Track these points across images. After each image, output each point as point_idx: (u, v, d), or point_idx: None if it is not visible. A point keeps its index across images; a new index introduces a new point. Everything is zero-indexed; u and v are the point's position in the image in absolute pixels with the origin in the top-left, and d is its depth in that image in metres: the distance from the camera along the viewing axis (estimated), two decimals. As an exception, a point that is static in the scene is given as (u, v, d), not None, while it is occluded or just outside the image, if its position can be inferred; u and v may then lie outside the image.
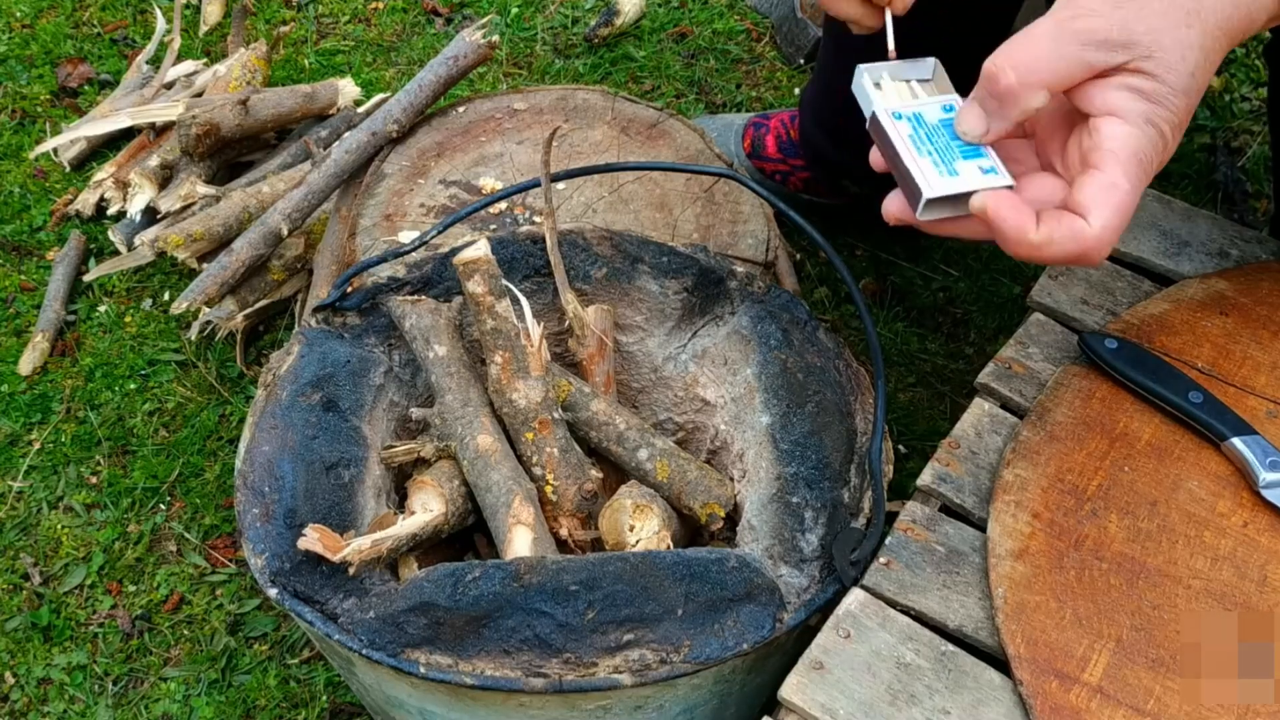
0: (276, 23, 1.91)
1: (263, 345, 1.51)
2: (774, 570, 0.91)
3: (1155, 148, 0.68)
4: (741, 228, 1.26)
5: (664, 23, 1.91)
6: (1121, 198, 0.67)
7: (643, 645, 0.85)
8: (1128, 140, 0.67)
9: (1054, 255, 0.68)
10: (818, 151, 1.50)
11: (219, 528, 1.37)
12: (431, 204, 1.30)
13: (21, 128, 1.78)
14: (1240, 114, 1.77)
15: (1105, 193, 0.67)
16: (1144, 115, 0.67)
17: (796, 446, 0.97)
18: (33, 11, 1.93)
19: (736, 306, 1.07)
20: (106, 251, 1.62)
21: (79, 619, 1.30)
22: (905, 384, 1.48)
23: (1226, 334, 0.93)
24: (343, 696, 1.24)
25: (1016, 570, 0.80)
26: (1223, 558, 0.81)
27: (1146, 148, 0.67)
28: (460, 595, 0.85)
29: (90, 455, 1.42)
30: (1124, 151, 0.67)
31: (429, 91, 1.39)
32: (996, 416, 0.92)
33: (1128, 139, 0.67)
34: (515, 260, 1.08)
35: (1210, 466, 0.86)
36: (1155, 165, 0.68)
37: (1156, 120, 0.67)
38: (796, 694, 0.77)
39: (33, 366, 1.49)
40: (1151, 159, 0.68)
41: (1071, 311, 0.98)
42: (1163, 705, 0.74)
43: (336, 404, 0.99)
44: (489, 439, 0.98)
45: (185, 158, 1.52)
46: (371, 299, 1.06)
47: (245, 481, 0.94)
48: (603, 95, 1.41)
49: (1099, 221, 0.67)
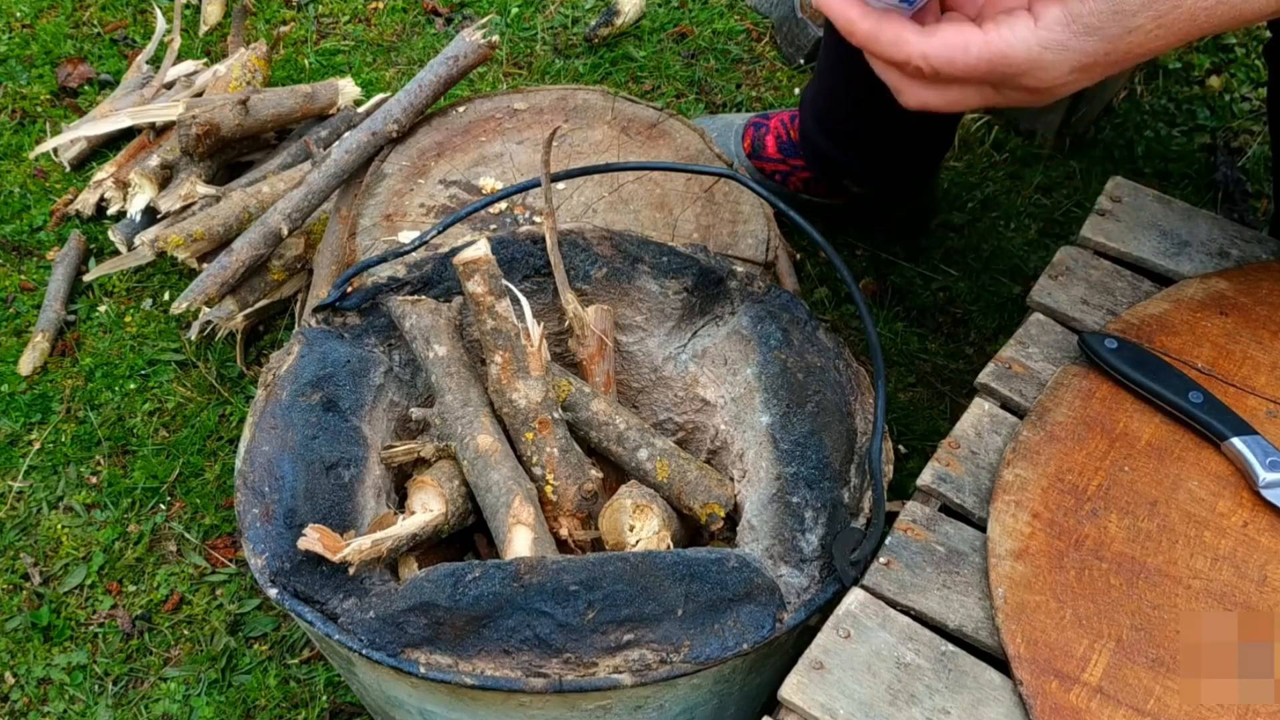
0: (276, 23, 1.91)
1: (263, 345, 1.51)
2: (774, 570, 0.91)
3: (1036, 69, 0.67)
4: (741, 228, 1.26)
5: (664, 23, 1.91)
6: (960, 60, 0.67)
7: (643, 645, 0.85)
8: (1016, 42, 0.66)
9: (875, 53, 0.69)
10: (818, 151, 1.50)
11: (219, 528, 1.37)
12: (431, 204, 1.30)
13: (21, 128, 1.78)
14: (1240, 114, 1.78)
15: (954, 41, 0.67)
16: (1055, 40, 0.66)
17: (796, 446, 0.97)
18: (33, 11, 1.93)
19: (736, 306, 1.07)
20: (106, 251, 1.62)
21: (79, 619, 1.30)
22: (905, 384, 1.48)
23: (1226, 334, 0.93)
24: (343, 696, 1.24)
25: (1016, 570, 0.80)
26: (1223, 558, 0.81)
27: (1021, 61, 0.67)
28: (460, 595, 0.85)
29: (90, 455, 1.42)
30: (1002, 44, 0.66)
31: (429, 91, 1.39)
32: (996, 416, 0.92)
33: (1017, 41, 0.66)
34: (515, 260, 1.08)
35: (1210, 466, 0.86)
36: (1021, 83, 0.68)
37: (1061, 50, 0.66)
38: (796, 694, 0.77)
39: (33, 366, 1.49)
40: (1021, 72, 0.67)
41: (1071, 311, 0.98)
42: (1163, 705, 0.74)
43: (336, 404, 0.99)
44: (489, 439, 0.98)
45: (185, 158, 1.52)
46: (371, 299, 1.06)
47: (245, 481, 0.94)
48: (603, 95, 1.41)
49: (924, 46, 0.67)
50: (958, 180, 1.68)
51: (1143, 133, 1.74)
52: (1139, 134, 1.74)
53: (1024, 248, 1.61)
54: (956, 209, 1.65)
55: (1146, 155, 1.71)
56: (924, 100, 0.72)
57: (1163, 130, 1.75)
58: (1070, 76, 0.68)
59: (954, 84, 0.71)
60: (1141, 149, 1.72)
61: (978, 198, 1.66)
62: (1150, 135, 1.73)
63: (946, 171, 1.68)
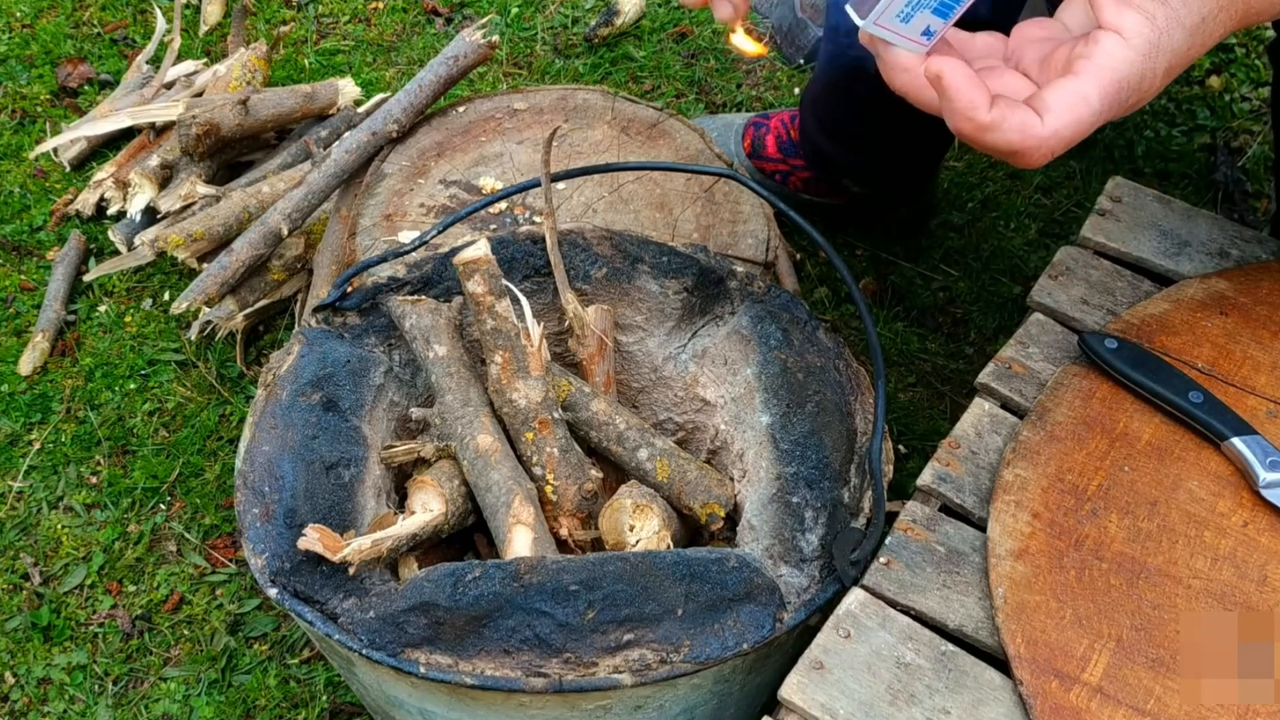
0: (276, 23, 1.91)
1: (263, 345, 1.51)
2: (774, 570, 0.91)
3: (1144, 81, 0.65)
4: (741, 228, 1.26)
5: (664, 23, 1.91)
6: (1086, 113, 0.64)
7: (643, 645, 0.85)
8: (1120, 63, 0.64)
9: (995, 142, 0.65)
10: (818, 151, 1.50)
11: (219, 528, 1.37)
12: (431, 204, 1.30)
13: (21, 128, 1.78)
14: (1240, 114, 1.78)
15: (1073, 100, 0.65)
16: (1148, 43, 0.64)
17: (796, 446, 0.97)
18: (33, 11, 1.93)
19: (736, 306, 1.07)
20: (106, 251, 1.62)
21: (79, 619, 1.30)
22: (905, 384, 1.48)
23: (1226, 334, 0.93)
24: (343, 696, 1.24)
25: (1016, 570, 0.80)
26: (1223, 558, 0.81)
27: (1133, 77, 0.65)
28: (460, 595, 0.85)
29: (90, 455, 1.42)
30: (1111, 72, 0.64)
31: (429, 91, 1.39)
32: (996, 416, 0.92)
33: (1120, 62, 0.64)
34: (515, 260, 1.08)
35: (1210, 466, 0.86)
36: (1134, 100, 0.66)
37: (1156, 53, 0.65)
38: (796, 694, 0.77)
39: (33, 366, 1.49)
40: (1134, 90, 0.65)
41: (1071, 311, 0.98)
42: (1163, 705, 0.74)
43: (336, 404, 0.99)
44: (489, 439, 0.98)
45: (185, 158, 1.52)
46: (371, 299, 1.06)
47: (245, 481, 0.94)
48: (603, 95, 1.41)
49: (1054, 123, 0.64)
50: (958, 180, 1.68)
51: (1143, 133, 1.74)
52: (1139, 134, 1.74)
53: (1024, 248, 1.61)
54: (956, 209, 1.65)
55: (1146, 155, 1.72)
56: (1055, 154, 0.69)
57: (1163, 130, 1.75)
58: (1161, 80, 0.67)
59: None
60: (1141, 149, 1.72)
61: (978, 198, 1.66)
62: (1150, 135, 1.73)
63: (946, 171, 1.68)
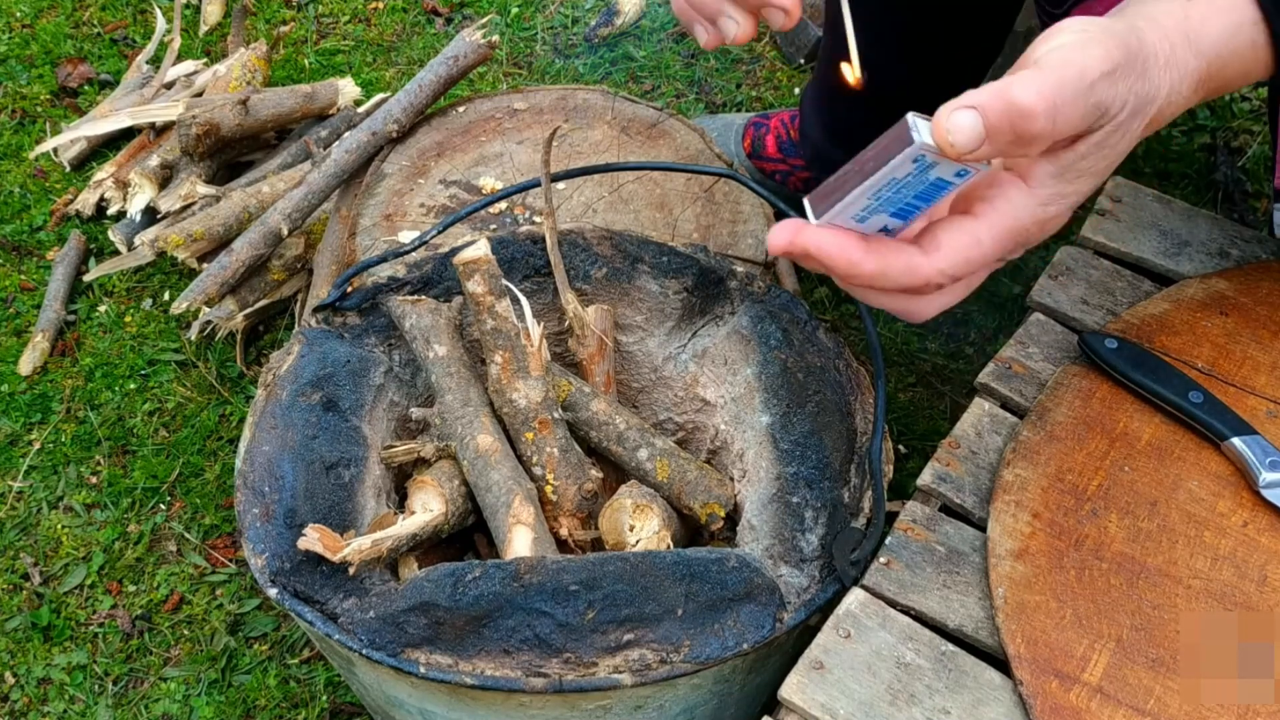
0: (276, 23, 1.91)
1: (263, 345, 1.51)
2: (774, 570, 0.91)
3: (1039, 227, 0.64)
4: (741, 228, 1.26)
5: (664, 22, 1.91)
6: (977, 256, 0.63)
7: (643, 645, 0.85)
8: (1019, 210, 0.63)
9: (887, 289, 0.64)
10: (818, 151, 1.50)
11: (219, 528, 1.37)
12: (431, 204, 1.30)
13: (21, 128, 1.78)
14: (1240, 114, 1.77)
15: (965, 243, 0.63)
16: (1052, 194, 0.63)
17: (797, 446, 0.97)
18: (33, 11, 1.93)
19: (736, 306, 1.07)
20: (106, 251, 1.62)
21: (79, 619, 1.30)
22: (905, 384, 1.48)
23: (1226, 334, 0.93)
24: (343, 696, 1.24)
25: (1016, 570, 0.80)
26: (1223, 558, 0.81)
27: (1030, 226, 0.63)
28: (460, 595, 0.85)
29: (90, 455, 1.42)
30: (1007, 219, 0.63)
31: (429, 91, 1.39)
32: (996, 416, 0.92)
33: (1019, 209, 0.63)
34: (515, 260, 1.08)
35: (1210, 466, 0.86)
36: (1032, 241, 0.65)
37: (1059, 201, 0.63)
38: (796, 694, 0.77)
39: (33, 366, 1.49)
40: (1030, 236, 0.64)
41: (1071, 311, 0.98)
42: (1163, 705, 0.74)
43: (336, 404, 0.99)
44: (489, 439, 0.98)
45: (185, 158, 1.52)
46: (371, 299, 1.06)
47: (245, 481, 0.94)
48: (603, 95, 1.41)
49: (940, 263, 0.63)
50: (958, 180, 1.68)
51: (1143, 133, 1.73)
52: (1139, 134, 1.73)
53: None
54: (956, 209, 1.64)
55: (1146, 155, 1.71)
56: (944, 304, 0.68)
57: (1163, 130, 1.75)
58: (1067, 216, 0.65)
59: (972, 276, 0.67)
60: (1141, 149, 1.72)
61: (978, 198, 1.66)
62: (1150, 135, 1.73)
63: (946, 171, 1.68)
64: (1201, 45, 0.67)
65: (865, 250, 0.63)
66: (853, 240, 0.63)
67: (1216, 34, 0.67)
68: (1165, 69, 0.65)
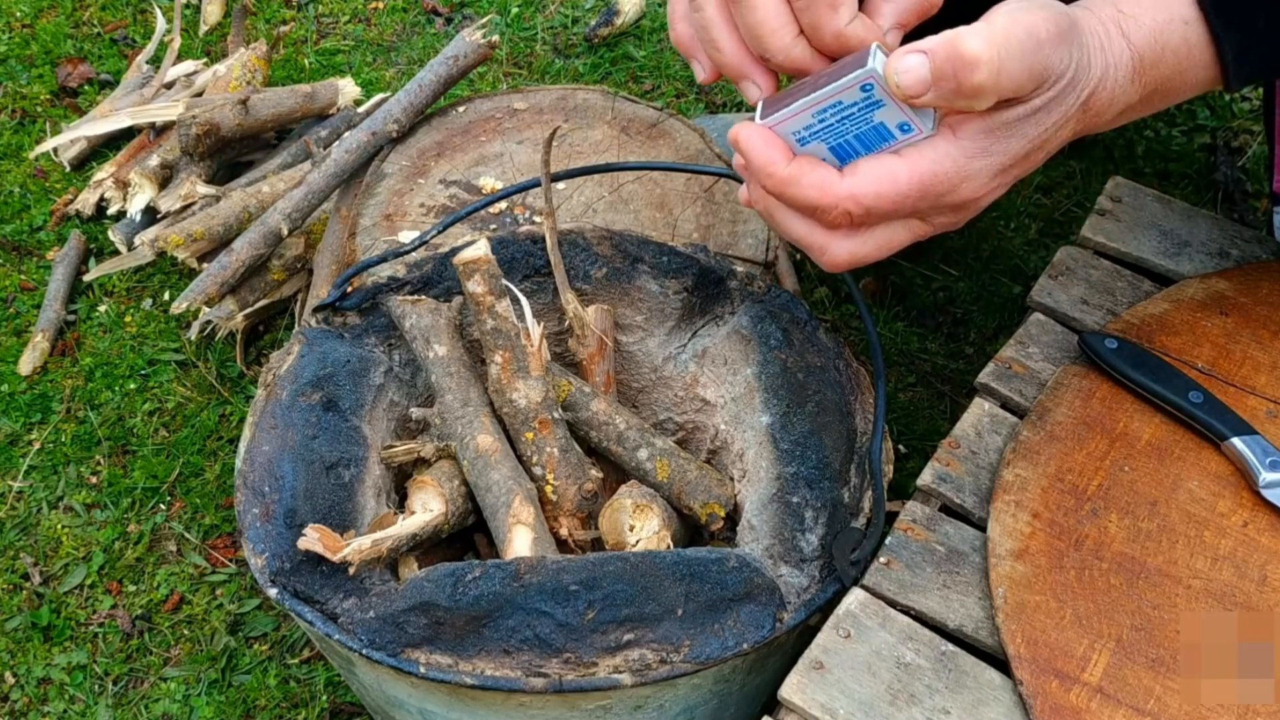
0: (276, 23, 1.91)
1: (263, 345, 1.51)
2: (774, 570, 0.91)
3: (960, 179, 0.65)
4: (741, 228, 1.26)
5: (664, 22, 1.91)
6: (890, 190, 0.65)
7: (643, 645, 0.85)
8: (941, 156, 0.65)
9: (796, 197, 0.65)
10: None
11: (219, 528, 1.37)
12: (431, 204, 1.30)
13: (21, 128, 1.78)
14: (1240, 114, 1.77)
15: (881, 174, 0.65)
16: (978, 148, 0.65)
17: (796, 446, 0.97)
18: (33, 11, 1.93)
19: (736, 306, 1.07)
20: (106, 251, 1.62)
21: (79, 619, 1.30)
22: (905, 384, 1.48)
23: (1226, 334, 0.93)
24: (343, 696, 1.24)
25: (1016, 570, 0.81)
26: (1223, 558, 0.81)
27: (952, 175, 0.65)
28: (460, 595, 0.85)
29: (90, 455, 1.42)
30: (927, 160, 0.65)
31: (429, 91, 1.39)
32: (996, 416, 0.92)
33: (941, 155, 0.65)
34: (515, 260, 1.08)
35: (1210, 466, 0.86)
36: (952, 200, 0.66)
37: (983, 157, 0.65)
38: (796, 694, 0.77)
39: (33, 366, 1.49)
40: (950, 188, 0.65)
41: (1071, 311, 0.98)
42: (1163, 705, 0.74)
43: (336, 404, 0.99)
44: (489, 439, 0.98)
45: (185, 157, 1.52)
46: (371, 299, 1.06)
47: (245, 481, 0.94)
48: (603, 95, 1.41)
49: (853, 187, 0.65)
50: (958, 180, 1.68)
51: (1143, 133, 1.74)
52: (1139, 134, 1.74)
53: (1024, 248, 1.61)
54: (956, 209, 1.64)
55: (1146, 155, 1.71)
56: (852, 252, 0.69)
57: (1163, 130, 1.75)
58: (994, 183, 0.67)
59: (880, 224, 0.68)
60: (1141, 149, 1.72)
61: (978, 198, 1.66)
62: (1150, 135, 1.73)
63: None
64: (1133, 37, 0.69)
65: (786, 156, 0.66)
66: (779, 144, 0.66)
67: (1148, 26, 0.69)
68: (1100, 51, 0.67)
